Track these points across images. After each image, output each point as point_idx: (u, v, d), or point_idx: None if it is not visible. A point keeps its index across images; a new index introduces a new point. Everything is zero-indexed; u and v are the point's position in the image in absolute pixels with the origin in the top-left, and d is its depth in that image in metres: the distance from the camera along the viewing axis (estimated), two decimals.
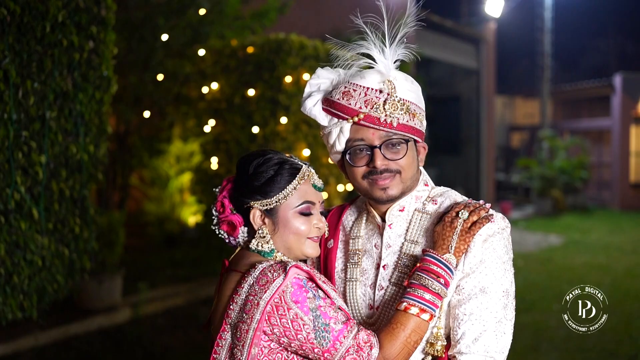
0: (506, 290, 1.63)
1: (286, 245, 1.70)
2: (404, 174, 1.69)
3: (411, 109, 1.67)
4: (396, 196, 1.71)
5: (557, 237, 12.24)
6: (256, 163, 1.71)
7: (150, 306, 6.29)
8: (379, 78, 1.65)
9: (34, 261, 3.31)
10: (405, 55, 1.71)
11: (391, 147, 1.67)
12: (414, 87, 1.70)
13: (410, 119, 1.66)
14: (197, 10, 6.84)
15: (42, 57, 3.25)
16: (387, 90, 1.64)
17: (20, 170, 3.20)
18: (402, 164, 1.68)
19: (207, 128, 6.82)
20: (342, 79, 1.71)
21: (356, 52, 1.69)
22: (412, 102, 1.68)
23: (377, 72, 1.66)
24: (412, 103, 1.67)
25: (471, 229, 1.62)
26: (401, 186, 1.70)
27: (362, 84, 1.66)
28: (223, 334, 1.62)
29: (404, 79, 1.69)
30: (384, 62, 1.66)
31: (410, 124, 1.67)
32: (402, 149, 1.67)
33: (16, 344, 5.05)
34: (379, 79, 1.65)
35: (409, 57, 1.72)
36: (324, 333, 1.52)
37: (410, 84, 1.70)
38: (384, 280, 1.74)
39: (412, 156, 1.71)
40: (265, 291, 1.54)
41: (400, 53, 1.70)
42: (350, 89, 1.66)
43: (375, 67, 1.67)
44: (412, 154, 1.71)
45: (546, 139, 17.23)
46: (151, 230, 8.83)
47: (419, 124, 1.70)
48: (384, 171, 1.67)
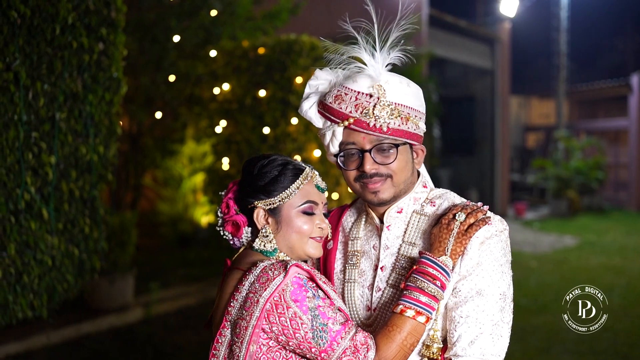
0: (503, 293, 1.63)
1: (289, 245, 1.72)
2: (396, 178, 1.69)
3: (404, 113, 1.64)
4: (388, 200, 1.71)
5: (572, 238, 12.12)
6: (260, 164, 1.75)
7: (162, 306, 6.33)
8: (369, 82, 1.64)
9: (44, 261, 3.35)
10: (399, 59, 1.69)
11: (382, 152, 1.66)
12: (409, 89, 1.68)
13: (402, 123, 1.64)
14: (209, 12, 6.88)
15: (52, 59, 3.28)
16: (377, 94, 1.62)
17: (30, 171, 3.23)
18: (393, 168, 1.67)
19: (219, 129, 6.85)
20: (337, 82, 1.70)
21: (349, 56, 1.68)
22: (406, 106, 1.65)
23: (367, 76, 1.65)
24: (405, 106, 1.65)
25: (468, 231, 1.62)
26: (393, 190, 1.70)
27: (353, 88, 1.65)
28: (223, 330, 1.64)
29: (398, 82, 1.67)
30: (374, 66, 1.65)
31: (403, 128, 1.65)
32: (393, 153, 1.66)
33: (29, 342, 5.11)
34: (369, 83, 1.64)
35: (404, 60, 1.70)
36: (321, 333, 1.53)
37: (405, 87, 1.67)
38: (382, 282, 1.74)
39: (406, 160, 1.70)
40: (265, 289, 1.55)
41: (394, 56, 1.69)
42: (342, 92, 1.66)
43: (364, 71, 1.66)
44: (405, 158, 1.70)
45: (562, 140, 17.07)
46: (164, 230, 8.90)
47: (413, 127, 1.67)
48: (374, 175, 1.67)
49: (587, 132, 20.45)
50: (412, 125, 1.67)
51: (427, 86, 10.30)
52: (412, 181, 1.76)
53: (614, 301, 6.99)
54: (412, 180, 1.75)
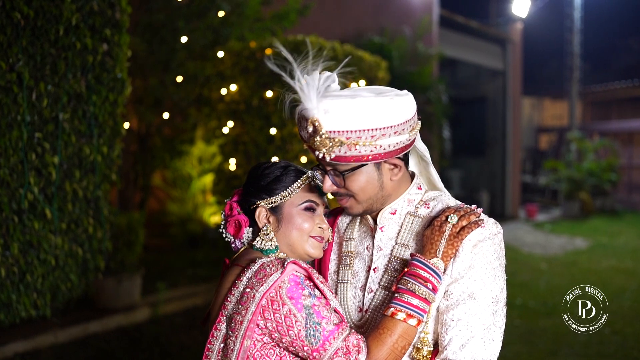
0: (496, 297, 1.60)
1: (289, 242, 1.74)
2: (358, 198, 1.67)
3: (348, 140, 1.55)
4: (360, 213, 1.72)
5: (583, 240, 12.01)
6: (264, 166, 1.81)
7: (169, 306, 6.34)
8: (308, 115, 1.57)
9: (47, 260, 3.37)
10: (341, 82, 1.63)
11: (337, 175, 1.65)
12: (358, 111, 1.54)
13: (348, 149, 1.56)
14: (217, 13, 6.89)
15: (56, 60, 3.31)
16: (315, 127, 1.55)
17: (33, 171, 3.26)
18: (351, 190, 1.66)
19: (226, 129, 6.86)
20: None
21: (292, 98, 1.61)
22: (352, 131, 1.54)
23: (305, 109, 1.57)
24: (350, 132, 1.54)
25: (460, 233, 1.60)
26: (360, 206, 1.69)
27: (300, 118, 1.60)
28: (219, 325, 1.66)
29: (341, 107, 1.54)
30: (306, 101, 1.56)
31: (351, 154, 1.57)
32: (348, 176, 1.63)
33: (36, 340, 5.13)
34: (308, 116, 1.56)
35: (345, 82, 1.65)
36: (314, 332, 1.53)
37: (353, 110, 1.54)
38: (374, 283, 1.73)
39: (366, 179, 1.65)
40: (262, 284, 1.56)
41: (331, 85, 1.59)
42: (298, 117, 1.62)
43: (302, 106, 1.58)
44: (366, 177, 1.65)
45: (574, 141, 16.95)
46: (174, 230, 8.92)
47: (367, 149, 1.57)
48: (334, 194, 1.69)
49: (600, 133, 20.29)
50: (365, 148, 1.57)
51: (438, 87, 10.27)
52: (385, 195, 1.71)
53: (625, 304, 6.91)
54: (384, 194, 1.70)
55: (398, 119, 1.58)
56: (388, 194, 1.71)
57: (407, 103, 1.61)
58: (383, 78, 7.19)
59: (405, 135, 1.61)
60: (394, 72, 8.82)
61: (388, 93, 1.59)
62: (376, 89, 1.63)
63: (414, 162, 1.86)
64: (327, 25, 9.65)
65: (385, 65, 7.35)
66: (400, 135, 1.60)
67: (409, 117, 1.61)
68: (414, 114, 1.64)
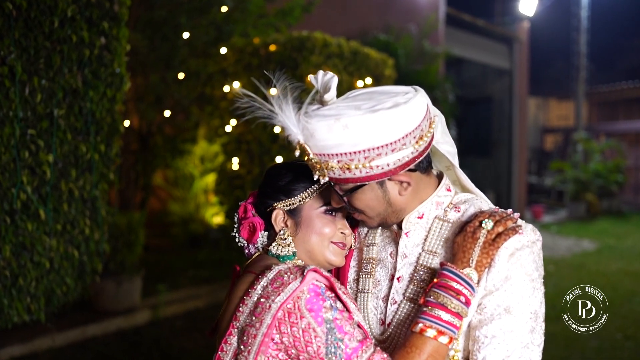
0: (534, 312, 1.43)
1: (307, 249, 1.59)
2: (367, 214, 1.55)
3: (340, 163, 1.41)
4: (376, 227, 1.61)
5: (590, 242, 11.87)
6: (282, 166, 1.68)
7: (170, 308, 6.21)
8: (292, 139, 1.45)
9: (41, 263, 3.21)
10: (347, 80, 1.50)
11: (341, 192, 1.52)
12: (344, 133, 1.39)
13: (341, 172, 1.42)
14: (220, 9, 6.74)
15: (51, 53, 3.14)
16: (303, 151, 1.44)
17: (27, 170, 3.10)
18: (358, 207, 1.53)
19: (229, 128, 6.71)
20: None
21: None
22: (341, 154, 1.40)
23: (293, 134, 1.45)
24: (339, 155, 1.40)
25: (495, 240, 1.42)
26: (373, 221, 1.57)
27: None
28: (229, 338, 1.48)
29: (326, 130, 1.40)
30: (290, 127, 1.44)
31: (345, 176, 1.43)
32: (350, 195, 1.51)
33: (33, 344, 5.01)
34: (292, 141, 1.45)
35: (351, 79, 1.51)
36: (335, 349, 1.36)
37: (339, 132, 1.39)
38: (398, 294, 1.56)
39: (370, 197, 1.50)
40: (279, 294, 1.39)
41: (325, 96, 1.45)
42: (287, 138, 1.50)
43: (289, 130, 1.46)
44: (369, 196, 1.50)
45: (581, 142, 16.83)
46: (175, 230, 8.81)
47: (360, 172, 1.42)
48: (344, 209, 1.59)
49: (606, 134, 20.17)
50: (359, 171, 1.41)
51: (444, 86, 10.12)
52: (397, 209, 1.55)
53: (636, 309, 6.76)
54: (393, 209, 1.54)
55: (396, 135, 1.39)
56: (400, 208, 1.54)
57: (410, 112, 1.40)
58: (390, 76, 7.02)
59: (408, 150, 1.41)
60: (400, 70, 8.66)
61: (384, 103, 1.39)
62: (372, 98, 1.43)
63: (439, 160, 1.69)
64: (332, 22, 9.50)
65: (392, 63, 7.18)
66: (401, 151, 1.40)
67: (411, 129, 1.40)
68: (421, 122, 1.42)
